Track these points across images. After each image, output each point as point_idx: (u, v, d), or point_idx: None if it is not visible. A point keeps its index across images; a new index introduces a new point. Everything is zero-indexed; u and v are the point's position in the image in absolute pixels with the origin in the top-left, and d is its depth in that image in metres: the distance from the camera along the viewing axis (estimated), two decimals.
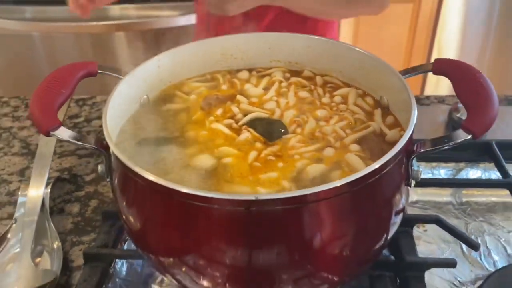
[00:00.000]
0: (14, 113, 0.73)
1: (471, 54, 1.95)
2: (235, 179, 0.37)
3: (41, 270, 0.46)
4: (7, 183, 0.59)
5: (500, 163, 0.52)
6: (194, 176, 0.37)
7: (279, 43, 0.50)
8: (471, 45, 1.94)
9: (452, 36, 1.91)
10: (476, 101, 0.36)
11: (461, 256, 0.50)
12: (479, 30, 1.91)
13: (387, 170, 0.33)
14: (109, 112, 0.38)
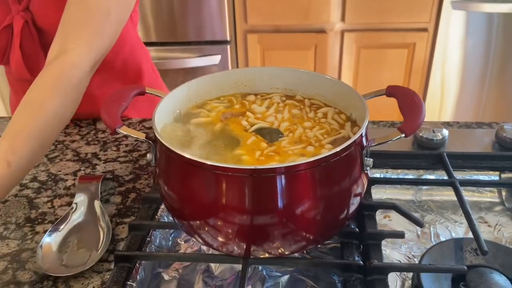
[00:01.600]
0: (66, 130, 0.90)
1: (467, 93, 2.12)
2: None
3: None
4: (63, 181, 0.76)
5: (448, 168, 0.67)
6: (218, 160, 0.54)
7: (277, 75, 0.68)
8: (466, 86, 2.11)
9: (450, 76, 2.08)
10: (409, 113, 0.52)
11: (415, 238, 0.65)
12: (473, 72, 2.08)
13: (346, 154, 0.49)
14: (156, 117, 0.55)
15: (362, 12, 1.94)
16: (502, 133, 0.76)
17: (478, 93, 2.12)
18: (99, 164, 0.79)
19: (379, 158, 0.71)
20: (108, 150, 0.83)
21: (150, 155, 0.55)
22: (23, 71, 0.79)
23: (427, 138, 0.75)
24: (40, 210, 0.69)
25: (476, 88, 2.10)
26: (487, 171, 0.72)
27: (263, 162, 0.54)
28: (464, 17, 1.93)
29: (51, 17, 0.74)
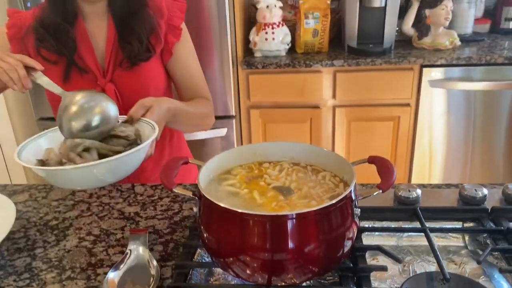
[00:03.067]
0: (110, 194, 1.09)
1: (454, 157, 2.34)
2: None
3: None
4: (114, 234, 0.94)
5: (421, 220, 0.86)
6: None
7: (286, 148, 0.88)
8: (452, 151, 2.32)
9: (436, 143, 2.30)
10: (384, 175, 0.73)
11: (397, 274, 0.82)
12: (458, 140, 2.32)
13: (340, 205, 0.68)
14: (200, 180, 0.75)
15: (351, 90, 2.20)
16: (464, 191, 0.95)
17: (464, 158, 2.34)
18: (141, 221, 0.98)
19: (368, 212, 0.90)
20: (147, 209, 1.02)
21: (196, 208, 0.74)
22: None
23: (405, 196, 0.95)
24: (98, 257, 0.86)
25: (461, 153, 2.33)
26: (453, 222, 0.90)
27: (277, 211, 0.73)
28: (445, 94, 2.20)
29: (128, 87, 1.07)
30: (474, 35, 2.41)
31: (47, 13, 1.05)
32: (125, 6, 1.07)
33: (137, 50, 1.05)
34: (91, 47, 1.07)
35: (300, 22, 2.23)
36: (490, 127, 2.26)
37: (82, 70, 1.06)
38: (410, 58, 2.13)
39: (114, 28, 1.07)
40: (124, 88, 1.05)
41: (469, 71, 2.14)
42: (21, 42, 1.07)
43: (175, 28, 1.12)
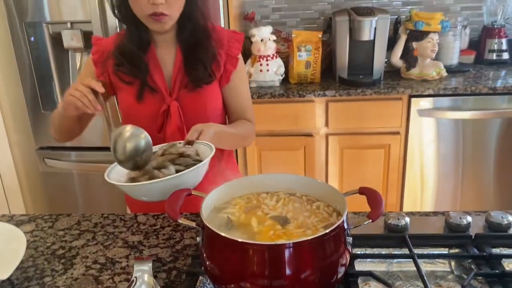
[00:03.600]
0: (114, 224, 1.14)
1: (445, 185, 2.41)
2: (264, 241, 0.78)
3: None
4: (119, 263, 0.98)
5: (409, 246, 0.92)
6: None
7: (282, 179, 0.94)
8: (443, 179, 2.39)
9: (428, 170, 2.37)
10: (373, 206, 0.79)
11: None
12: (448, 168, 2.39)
13: (334, 234, 0.74)
14: (203, 211, 0.81)
15: (342, 119, 2.28)
16: (449, 219, 1.02)
17: (454, 184, 2.40)
18: (145, 249, 1.02)
19: (360, 239, 0.96)
20: (150, 238, 1.07)
21: (199, 238, 0.79)
22: (177, 137, 1.19)
23: (394, 224, 1.01)
24: (105, 285, 0.91)
25: (452, 180, 2.39)
26: (439, 248, 0.96)
27: (275, 240, 0.79)
28: (433, 122, 2.28)
29: (190, 106, 1.22)
30: (460, 66, 2.51)
31: (125, 42, 1.21)
32: (191, 36, 1.21)
33: (201, 75, 1.20)
34: (160, 70, 1.22)
35: (293, 54, 2.32)
36: (479, 155, 2.33)
37: (153, 90, 1.21)
38: (399, 88, 2.22)
39: (181, 54, 1.22)
40: (186, 106, 1.21)
41: (456, 100, 2.23)
42: (103, 65, 1.24)
43: (232, 58, 1.26)
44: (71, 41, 2.11)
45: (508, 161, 2.33)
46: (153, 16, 1.13)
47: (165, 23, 1.15)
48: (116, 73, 1.22)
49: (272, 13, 2.70)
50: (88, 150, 2.37)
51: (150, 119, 1.21)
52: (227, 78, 1.27)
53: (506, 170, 2.35)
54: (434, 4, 2.65)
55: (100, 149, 2.35)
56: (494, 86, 2.20)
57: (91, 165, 2.39)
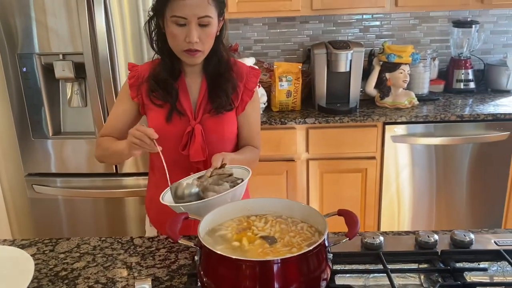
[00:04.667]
0: (111, 246, 1.22)
1: (420, 206, 2.54)
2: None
3: None
4: (119, 282, 1.06)
5: (383, 262, 1.03)
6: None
7: (269, 203, 1.05)
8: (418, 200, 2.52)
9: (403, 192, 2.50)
10: (350, 225, 0.90)
11: None
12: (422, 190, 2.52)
13: (316, 251, 0.84)
14: (200, 232, 0.90)
15: (322, 145, 2.41)
16: (419, 237, 1.13)
17: (429, 205, 2.53)
18: (143, 270, 1.11)
19: (340, 256, 1.07)
20: (147, 259, 1.15)
21: (197, 256, 0.89)
22: (199, 156, 1.36)
23: (370, 243, 1.12)
24: None
25: (426, 202, 2.53)
26: (410, 263, 1.08)
27: (263, 257, 0.89)
28: (407, 148, 2.43)
29: (211, 129, 1.37)
30: (430, 95, 2.68)
31: (159, 70, 1.37)
32: (216, 68, 1.38)
33: (223, 103, 1.37)
34: (188, 97, 1.38)
35: (275, 84, 2.46)
36: (451, 177, 2.48)
37: (181, 114, 1.36)
38: (374, 116, 2.37)
39: (205, 84, 1.39)
40: (208, 129, 1.37)
41: (427, 127, 2.39)
42: (138, 89, 1.40)
43: (249, 90, 1.43)
44: (62, 72, 2.19)
45: (478, 182, 2.48)
46: (189, 52, 1.29)
47: (198, 57, 1.31)
48: (149, 96, 1.38)
49: (254, 44, 2.85)
50: (74, 176, 2.43)
51: (176, 138, 1.36)
52: (243, 108, 1.43)
53: (476, 191, 2.50)
54: (405, 37, 2.84)
55: (85, 175, 2.41)
56: (462, 113, 2.36)
57: (76, 191, 2.45)
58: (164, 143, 1.25)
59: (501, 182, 2.48)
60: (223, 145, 1.40)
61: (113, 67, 2.19)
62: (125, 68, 2.18)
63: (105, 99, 2.22)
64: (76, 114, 2.37)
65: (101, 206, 2.47)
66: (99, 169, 2.39)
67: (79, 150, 2.38)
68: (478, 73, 2.81)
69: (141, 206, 2.45)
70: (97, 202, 2.46)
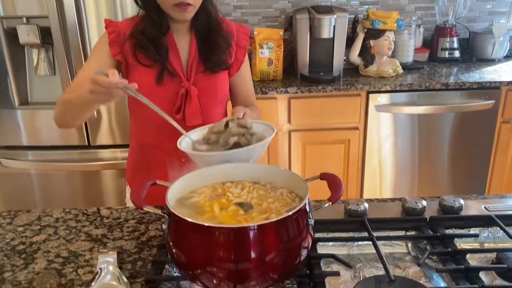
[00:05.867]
0: (76, 218, 1.13)
1: (402, 175, 2.50)
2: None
3: None
4: (82, 256, 0.97)
5: (368, 230, 0.96)
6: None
7: (246, 168, 0.96)
8: (400, 169, 2.48)
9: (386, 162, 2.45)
10: (333, 189, 0.82)
11: (350, 279, 0.91)
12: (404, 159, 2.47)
13: (296, 216, 0.76)
14: (168, 199, 0.81)
15: (304, 116, 2.33)
16: (406, 204, 1.07)
17: (411, 175, 2.50)
18: (109, 242, 1.02)
19: (322, 224, 0.99)
20: (114, 231, 1.06)
21: (165, 225, 0.80)
22: (197, 119, 1.26)
23: (354, 209, 1.05)
24: (68, 278, 0.90)
25: (408, 171, 2.49)
26: (397, 231, 1.01)
27: (237, 223, 0.80)
28: (390, 117, 2.36)
29: (205, 90, 1.27)
30: (414, 64, 2.62)
31: (145, 26, 1.24)
32: (205, 25, 1.28)
33: (218, 61, 1.28)
34: (178, 56, 1.27)
35: (255, 51, 2.35)
36: (434, 147, 2.44)
37: (172, 74, 1.25)
38: (358, 85, 2.29)
39: (195, 41, 1.28)
40: (202, 90, 1.28)
41: (411, 96, 2.32)
42: (120, 46, 1.26)
43: (242, 48, 1.35)
44: (27, 37, 2.04)
45: (461, 152, 2.45)
46: (180, 6, 1.18)
47: (189, 12, 1.21)
48: (134, 55, 1.25)
49: (234, 10, 2.72)
50: (47, 149, 2.31)
51: (168, 101, 1.25)
52: (238, 67, 1.35)
53: (459, 160, 2.46)
54: (390, 4, 2.75)
55: (60, 147, 2.30)
56: (447, 82, 2.30)
57: (50, 164, 2.33)
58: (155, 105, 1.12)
59: (484, 151, 2.45)
60: (215, 108, 1.32)
61: (82, 31, 2.05)
62: (97, 32, 2.04)
63: (74, 66, 2.09)
64: (44, 83, 2.23)
65: (77, 180, 2.37)
66: (73, 141, 2.28)
67: (51, 121, 2.24)
68: (464, 42, 2.75)
69: (119, 179, 2.36)
70: (72, 176, 2.36)
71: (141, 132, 1.34)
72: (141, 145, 1.35)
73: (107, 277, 0.87)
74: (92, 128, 2.26)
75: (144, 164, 1.34)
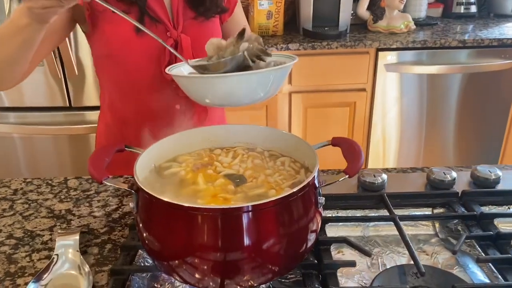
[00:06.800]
0: (38, 190, 0.95)
1: (407, 143, 2.33)
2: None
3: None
4: (40, 236, 0.80)
5: (389, 207, 0.78)
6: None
7: (240, 131, 0.78)
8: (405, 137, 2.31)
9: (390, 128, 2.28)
10: (351, 158, 0.64)
11: (366, 268, 0.74)
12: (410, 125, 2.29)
13: (302, 194, 0.58)
14: (137, 169, 0.63)
15: (307, 76, 2.13)
16: (432, 175, 0.89)
17: (417, 143, 2.33)
18: (74, 220, 0.84)
19: (331, 200, 0.82)
20: (81, 206, 0.88)
21: (133, 203, 0.62)
22: None
23: (370, 182, 0.87)
24: (19, 265, 0.73)
25: (414, 138, 2.31)
26: (422, 208, 0.83)
27: (224, 202, 0.62)
28: (398, 78, 2.17)
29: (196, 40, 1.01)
30: (427, 19, 2.39)
31: None
32: None
33: (210, 4, 1.06)
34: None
35: (253, 3, 2.12)
36: (441, 112, 2.26)
37: (155, 20, 1.01)
38: (366, 41, 2.07)
39: None
40: (193, 41, 1.03)
41: (425, 54, 2.12)
42: None
43: None
44: None
45: (474, 116, 2.27)
46: None
47: None
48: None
49: None
50: (31, 110, 2.13)
51: (152, 55, 1.00)
52: (231, 11, 1.14)
53: (469, 126, 2.29)
54: None
55: (45, 109, 2.12)
56: (464, 38, 2.09)
57: (35, 127, 2.15)
58: (135, 63, 0.92)
59: (500, 116, 2.27)
60: None
61: None
62: None
63: None
64: None
65: (64, 145, 2.20)
66: (54, 102, 2.10)
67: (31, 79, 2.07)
68: None
69: None
70: (58, 140, 2.19)
71: (118, 101, 1.09)
72: (118, 120, 1.10)
73: (65, 265, 0.69)
74: (74, 88, 2.07)
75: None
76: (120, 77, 1.03)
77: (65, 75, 2.04)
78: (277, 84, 0.75)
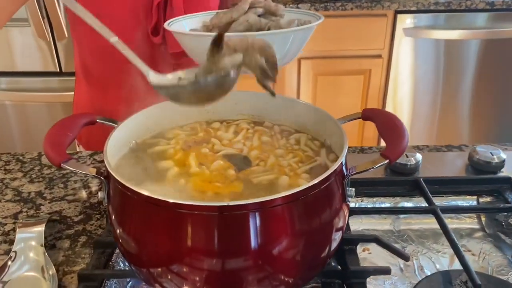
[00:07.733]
0: (6, 167, 0.81)
1: (420, 118, 2.17)
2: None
3: None
4: (2, 225, 0.66)
5: (427, 195, 0.64)
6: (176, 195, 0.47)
7: (243, 100, 0.62)
8: (418, 111, 2.15)
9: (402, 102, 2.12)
10: (391, 137, 0.48)
11: (399, 272, 0.60)
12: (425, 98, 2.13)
13: (326, 185, 0.44)
14: (108, 150, 0.48)
15: (318, 40, 1.94)
16: (475, 155, 0.73)
17: (431, 118, 2.16)
18: (44, 204, 0.70)
19: (353, 186, 0.67)
20: (55, 187, 0.74)
21: (102, 193, 0.47)
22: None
23: (401, 163, 0.72)
24: None
25: (428, 113, 2.15)
26: (465, 196, 0.69)
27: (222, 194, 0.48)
28: (412, 44, 1.98)
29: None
30: None
31: None
32: None
33: None
34: None
35: None
36: (458, 84, 2.08)
37: None
38: (384, 2, 1.88)
39: None
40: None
41: (449, 17, 1.93)
42: None
43: None
44: None
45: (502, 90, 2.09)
46: None
47: None
48: None
49: None
50: (23, 75, 2.00)
51: (136, 15, 0.83)
52: None
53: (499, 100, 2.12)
54: None
55: (38, 74, 1.99)
56: (492, 0, 1.89)
57: (27, 94, 2.03)
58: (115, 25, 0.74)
59: None
60: None
61: None
62: None
63: None
64: None
65: (58, 112, 2.07)
66: (50, 67, 1.96)
67: (16, 42, 1.92)
68: None
69: None
70: (52, 108, 2.06)
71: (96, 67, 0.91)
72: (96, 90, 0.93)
73: (24, 266, 0.56)
74: (65, 53, 1.92)
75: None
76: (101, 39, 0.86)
77: (54, 38, 1.88)
78: (297, 48, 0.62)
